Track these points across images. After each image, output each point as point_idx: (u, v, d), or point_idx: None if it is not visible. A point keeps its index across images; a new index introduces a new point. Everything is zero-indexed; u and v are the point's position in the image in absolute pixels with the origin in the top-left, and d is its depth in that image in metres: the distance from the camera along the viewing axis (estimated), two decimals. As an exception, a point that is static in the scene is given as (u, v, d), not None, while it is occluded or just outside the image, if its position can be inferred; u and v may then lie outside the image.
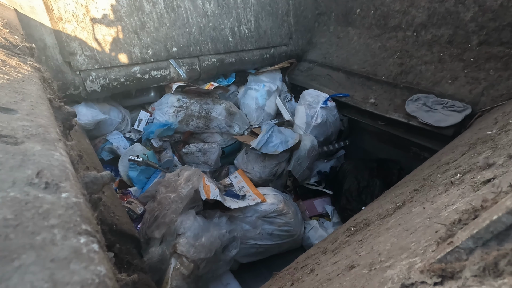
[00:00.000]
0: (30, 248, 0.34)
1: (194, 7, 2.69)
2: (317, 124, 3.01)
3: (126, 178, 2.35)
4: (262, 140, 2.59)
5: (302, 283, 0.90)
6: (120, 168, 2.36)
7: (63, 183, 0.47)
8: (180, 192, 1.94)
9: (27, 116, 0.64)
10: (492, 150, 0.96)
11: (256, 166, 2.65)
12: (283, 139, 2.64)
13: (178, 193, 1.93)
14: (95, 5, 2.15)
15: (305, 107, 3.11)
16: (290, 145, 2.60)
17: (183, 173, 2.06)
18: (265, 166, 2.65)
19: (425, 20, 2.70)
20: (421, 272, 0.43)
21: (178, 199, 1.91)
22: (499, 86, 2.30)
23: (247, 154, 2.76)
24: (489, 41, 2.35)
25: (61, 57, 2.11)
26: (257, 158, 2.68)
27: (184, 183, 1.99)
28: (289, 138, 2.68)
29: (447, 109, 2.45)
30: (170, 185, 1.99)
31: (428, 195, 0.94)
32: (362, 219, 1.23)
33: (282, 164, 2.70)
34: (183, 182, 1.99)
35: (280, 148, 2.56)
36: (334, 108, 3.11)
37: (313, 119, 3.01)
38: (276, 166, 2.68)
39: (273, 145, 2.59)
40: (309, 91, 3.26)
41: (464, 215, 0.47)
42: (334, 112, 3.10)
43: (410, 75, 2.81)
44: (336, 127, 3.15)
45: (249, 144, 2.62)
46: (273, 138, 2.63)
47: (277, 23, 3.37)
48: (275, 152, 2.54)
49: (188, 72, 2.78)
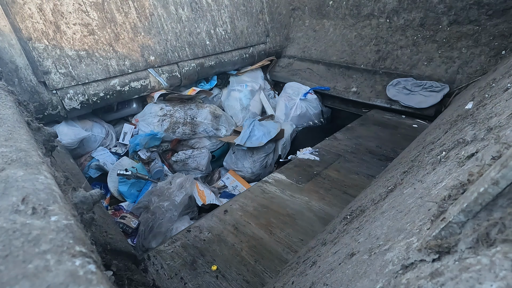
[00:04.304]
0: (22, 277, 0.33)
1: (167, 13, 2.65)
2: (296, 115, 3.09)
3: (117, 194, 2.30)
4: (245, 136, 2.64)
5: (305, 277, 0.90)
6: (110, 184, 2.31)
7: (51, 206, 0.45)
8: (173, 200, 1.92)
9: (6, 142, 0.62)
10: (472, 125, 0.99)
11: (246, 163, 2.67)
12: (266, 131, 2.70)
13: (171, 201, 1.91)
14: (64, 20, 2.09)
15: (284, 99, 3.20)
16: (274, 135, 2.66)
17: (175, 181, 2.04)
18: (254, 160, 2.68)
19: (396, 5, 2.76)
20: (418, 250, 0.44)
21: (172, 207, 1.89)
22: (472, 62, 2.38)
23: (234, 153, 2.78)
24: (459, 20, 2.43)
25: (35, 78, 2.04)
26: (245, 154, 2.70)
27: (177, 190, 1.97)
28: (271, 129, 2.74)
29: (426, 90, 2.52)
30: (162, 194, 1.97)
31: (417, 175, 0.96)
32: (357, 206, 1.24)
33: (270, 155, 2.76)
34: (176, 190, 1.97)
35: (264, 139, 2.61)
36: (315, 100, 3.17)
37: (292, 110, 3.11)
38: (265, 158, 2.72)
39: (256, 138, 2.64)
40: (290, 84, 3.33)
41: (453, 191, 0.48)
42: (315, 104, 3.16)
43: (387, 61, 2.87)
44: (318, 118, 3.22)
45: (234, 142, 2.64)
46: (255, 132, 2.68)
47: (253, 22, 3.37)
48: (260, 144, 2.59)
49: (169, 80, 2.74)
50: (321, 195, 1.77)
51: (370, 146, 2.27)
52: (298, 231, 1.50)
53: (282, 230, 1.52)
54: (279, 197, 1.77)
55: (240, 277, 1.26)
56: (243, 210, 1.67)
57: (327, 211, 1.63)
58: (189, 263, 1.34)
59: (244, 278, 1.25)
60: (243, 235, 1.49)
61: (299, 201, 1.73)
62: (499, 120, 0.80)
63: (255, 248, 1.41)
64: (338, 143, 2.37)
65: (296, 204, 1.69)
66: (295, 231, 1.51)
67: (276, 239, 1.46)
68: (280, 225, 1.55)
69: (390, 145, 2.25)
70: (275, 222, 1.57)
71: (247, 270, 1.29)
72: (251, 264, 1.32)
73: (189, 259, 1.36)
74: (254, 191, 1.85)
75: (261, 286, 1.22)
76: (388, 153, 2.16)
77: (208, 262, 1.34)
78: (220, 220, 1.60)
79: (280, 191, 1.83)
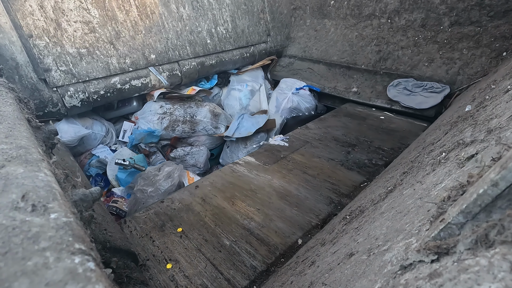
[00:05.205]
0: (22, 274, 0.33)
1: (168, 12, 2.65)
2: (287, 108, 3.14)
3: (114, 180, 2.33)
4: (233, 128, 2.72)
5: (304, 276, 0.91)
6: (109, 172, 2.34)
7: (51, 203, 0.45)
8: (158, 189, 1.95)
9: (6, 138, 0.62)
10: (472, 127, 0.99)
11: (240, 154, 2.72)
12: (254, 121, 2.76)
13: (156, 189, 1.95)
14: (65, 18, 2.09)
15: (277, 93, 3.26)
16: (262, 124, 2.72)
17: (164, 169, 2.06)
18: (248, 151, 2.73)
19: (397, 6, 2.76)
20: (417, 251, 0.44)
21: (155, 195, 1.94)
22: (473, 64, 2.38)
23: (228, 148, 2.83)
24: (460, 21, 2.42)
25: (36, 75, 2.04)
26: (239, 146, 2.75)
27: (164, 179, 2.00)
28: (259, 119, 2.81)
29: (427, 91, 2.51)
30: (148, 179, 2.00)
31: (417, 176, 0.96)
32: (357, 206, 1.25)
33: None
34: (162, 179, 2.00)
35: (253, 129, 2.68)
36: (309, 96, 3.21)
37: (284, 102, 3.16)
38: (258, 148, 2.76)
39: (245, 129, 2.71)
40: (285, 79, 3.38)
41: (452, 192, 0.48)
42: (308, 100, 3.19)
43: (388, 61, 2.86)
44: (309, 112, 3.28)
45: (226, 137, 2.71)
46: (244, 123, 2.76)
47: (254, 21, 3.37)
48: (248, 134, 2.66)
49: (170, 78, 2.74)
50: (283, 174, 1.96)
51: (336, 135, 2.47)
52: (256, 202, 1.71)
53: (243, 201, 1.72)
54: (246, 176, 1.97)
55: (200, 237, 1.48)
56: (212, 186, 1.87)
57: (285, 187, 1.84)
58: (159, 226, 1.55)
59: (203, 238, 1.47)
60: (209, 205, 1.70)
61: (262, 179, 1.93)
62: (500, 121, 0.80)
63: (217, 216, 1.61)
64: (308, 131, 2.57)
65: (259, 182, 1.90)
66: (254, 202, 1.71)
67: (236, 208, 1.67)
68: (242, 197, 1.76)
69: (355, 133, 2.46)
70: (238, 195, 1.78)
71: (207, 232, 1.51)
72: (211, 227, 1.54)
73: (159, 223, 1.57)
74: (225, 170, 2.04)
75: (217, 244, 1.43)
76: (351, 140, 2.36)
77: (175, 225, 1.55)
78: (190, 194, 1.80)
79: (247, 171, 2.02)
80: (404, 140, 2.28)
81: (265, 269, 1.30)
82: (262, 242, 1.43)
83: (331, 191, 1.77)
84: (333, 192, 1.76)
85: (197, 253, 1.39)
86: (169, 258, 1.37)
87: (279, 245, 1.41)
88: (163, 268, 1.32)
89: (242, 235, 1.47)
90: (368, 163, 2.02)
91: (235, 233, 1.49)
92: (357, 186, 1.80)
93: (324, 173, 1.95)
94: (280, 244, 1.42)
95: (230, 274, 1.27)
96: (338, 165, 2.03)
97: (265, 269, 1.30)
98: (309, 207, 1.64)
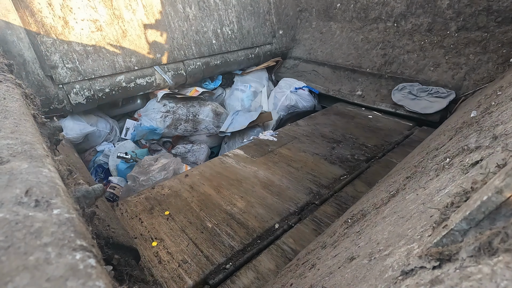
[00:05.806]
0: (23, 269, 0.33)
1: (175, 12, 2.67)
2: (284, 105, 3.18)
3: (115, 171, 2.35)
4: (227, 123, 2.78)
5: (304, 279, 0.90)
6: (110, 162, 2.37)
7: (54, 199, 0.46)
8: (150, 179, 1.97)
9: (11, 134, 0.62)
10: (477, 133, 0.98)
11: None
12: (248, 116, 2.82)
13: (148, 178, 1.96)
14: (73, 16, 2.11)
15: (275, 91, 3.31)
16: (255, 117, 2.79)
17: (160, 160, 2.07)
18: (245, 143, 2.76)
19: (404, 10, 2.75)
20: (419, 257, 0.44)
21: (146, 184, 1.97)
22: (479, 69, 2.36)
23: (226, 144, 2.88)
24: (467, 26, 2.41)
25: (42, 72, 2.06)
26: (235, 140, 2.78)
27: (158, 171, 2.02)
28: (253, 113, 2.86)
29: (432, 95, 2.50)
30: (143, 166, 2.01)
31: (420, 181, 0.96)
32: (358, 210, 1.24)
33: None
34: (156, 170, 2.01)
35: (246, 122, 2.75)
36: (307, 96, 3.24)
37: (281, 100, 3.22)
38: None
39: (239, 123, 2.78)
40: (285, 79, 3.41)
41: (456, 198, 0.48)
42: (307, 99, 3.22)
43: (394, 65, 2.85)
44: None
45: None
46: (238, 119, 2.82)
47: (260, 23, 3.37)
48: (242, 127, 2.73)
49: (174, 78, 2.75)
50: (268, 166, 2.08)
51: (324, 131, 2.57)
52: (241, 191, 1.82)
53: (228, 190, 1.83)
54: (233, 167, 2.08)
55: (185, 220, 1.60)
56: (201, 175, 1.98)
57: (269, 178, 1.95)
58: (148, 209, 1.67)
59: (188, 220, 1.59)
60: (196, 192, 1.81)
61: (249, 170, 2.04)
62: (505, 128, 0.79)
63: (203, 201, 1.73)
64: (298, 128, 2.65)
65: (245, 172, 2.01)
66: (238, 191, 1.82)
67: (221, 196, 1.78)
68: (228, 186, 1.86)
69: (342, 131, 2.56)
70: (224, 184, 1.89)
71: (192, 215, 1.63)
72: (196, 212, 1.65)
73: (148, 207, 1.69)
74: (214, 161, 2.15)
75: (200, 226, 1.55)
76: (337, 137, 2.46)
77: (163, 209, 1.67)
78: (180, 182, 1.91)
79: (235, 162, 2.13)
80: (388, 138, 2.38)
81: (241, 248, 1.42)
82: (242, 226, 1.54)
83: (312, 182, 1.89)
84: (313, 183, 1.88)
85: (181, 233, 1.50)
86: (155, 237, 1.49)
87: (257, 229, 1.53)
88: (149, 245, 1.44)
89: (224, 219, 1.59)
90: (350, 158, 2.14)
91: (217, 217, 1.61)
92: (337, 178, 1.93)
93: (307, 166, 2.06)
94: (258, 227, 1.54)
95: (209, 252, 1.39)
96: (322, 159, 2.14)
97: (241, 248, 1.42)
98: (289, 196, 1.77)
